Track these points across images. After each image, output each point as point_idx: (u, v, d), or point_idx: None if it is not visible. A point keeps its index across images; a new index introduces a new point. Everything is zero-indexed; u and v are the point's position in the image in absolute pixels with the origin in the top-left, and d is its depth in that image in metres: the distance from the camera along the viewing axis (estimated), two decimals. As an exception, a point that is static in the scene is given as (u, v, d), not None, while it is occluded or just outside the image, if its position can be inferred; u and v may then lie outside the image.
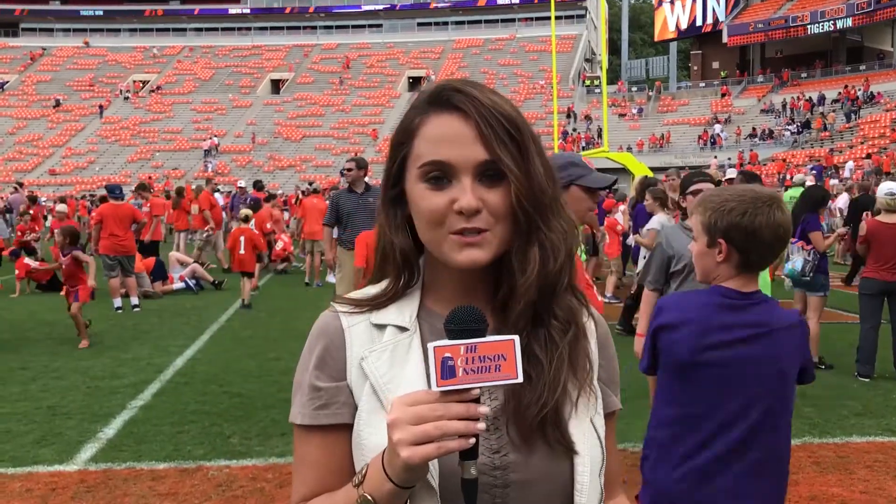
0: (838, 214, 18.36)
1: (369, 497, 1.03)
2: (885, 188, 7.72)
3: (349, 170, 8.41)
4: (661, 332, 2.43)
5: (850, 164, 32.49)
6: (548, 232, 1.11)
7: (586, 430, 1.13)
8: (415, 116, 1.14)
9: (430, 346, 0.97)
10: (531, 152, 1.11)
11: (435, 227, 1.10)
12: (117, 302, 11.27)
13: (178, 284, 13.43)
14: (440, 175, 1.10)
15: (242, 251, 11.53)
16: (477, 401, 0.97)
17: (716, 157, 43.12)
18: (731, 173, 12.25)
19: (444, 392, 0.96)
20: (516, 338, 0.98)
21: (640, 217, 9.27)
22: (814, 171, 27.36)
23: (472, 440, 0.97)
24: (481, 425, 0.96)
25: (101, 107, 61.03)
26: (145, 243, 14.05)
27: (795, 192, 13.07)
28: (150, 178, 40.21)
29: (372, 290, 1.22)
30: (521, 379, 0.97)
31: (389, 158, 1.18)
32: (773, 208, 2.35)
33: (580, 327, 1.17)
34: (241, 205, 16.96)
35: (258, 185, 18.67)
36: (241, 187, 18.91)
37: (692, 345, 2.34)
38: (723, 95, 55.88)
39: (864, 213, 9.99)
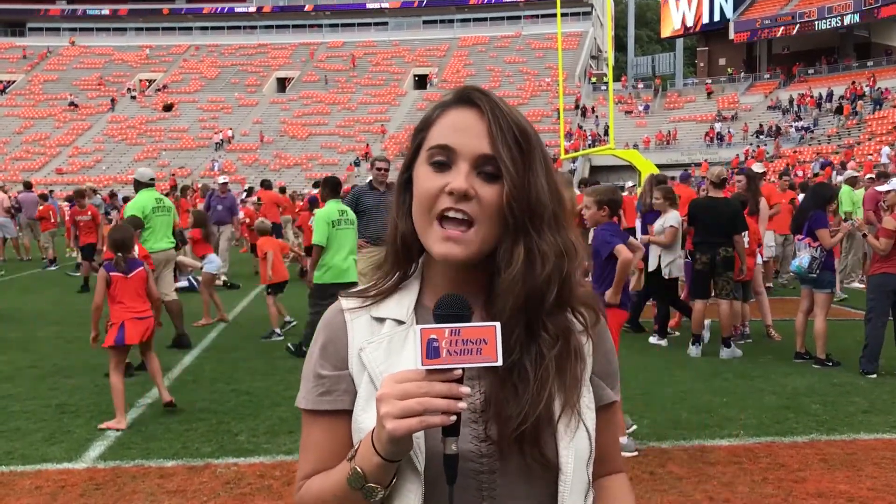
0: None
1: (359, 469, 1.09)
2: None
3: (386, 169, 8.46)
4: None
5: (886, 149, 32.01)
6: (538, 240, 1.16)
7: (571, 439, 1.17)
8: (436, 109, 1.23)
9: (417, 327, 1.04)
10: (536, 165, 1.17)
11: (425, 210, 1.17)
12: None
13: (182, 283, 13.45)
14: (443, 160, 1.17)
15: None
16: (460, 381, 1.04)
17: (755, 150, 43.09)
18: (758, 167, 12.28)
19: (429, 371, 1.03)
20: (497, 324, 1.04)
21: (649, 214, 9.27)
22: (822, 168, 27.26)
23: (454, 417, 1.03)
24: (462, 404, 1.03)
25: (112, 100, 61.25)
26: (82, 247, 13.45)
27: (846, 191, 12.95)
28: (174, 175, 40.22)
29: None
30: (500, 362, 1.04)
31: (409, 146, 1.26)
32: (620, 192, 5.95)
33: (572, 346, 1.20)
34: (220, 205, 15.00)
35: (266, 184, 18.45)
36: (221, 183, 15.51)
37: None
38: (708, 94, 55.85)
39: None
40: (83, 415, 6.14)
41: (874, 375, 7.23)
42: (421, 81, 63.46)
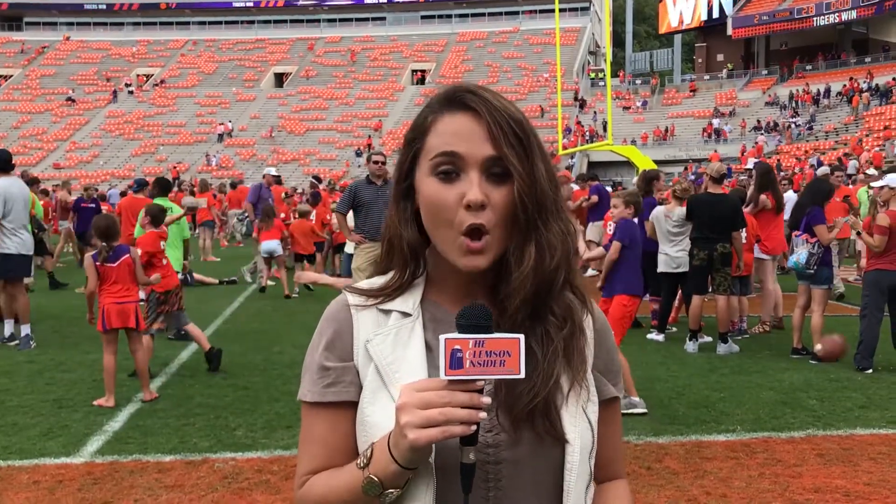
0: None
1: (375, 478, 1.09)
2: None
3: (383, 163, 8.44)
4: None
5: None
6: (546, 232, 1.18)
7: (578, 417, 1.19)
8: (428, 115, 1.21)
9: (442, 337, 1.03)
10: (535, 155, 1.17)
11: (443, 222, 1.16)
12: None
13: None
14: (450, 168, 1.16)
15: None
16: (480, 391, 1.04)
17: (753, 146, 43.04)
18: (752, 164, 12.28)
19: (451, 381, 1.03)
20: (522, 336, 1.04)
21: (646, 210, 9.28)
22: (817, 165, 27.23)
23: (474, 427, 1.03)
24: (483, 414, 1.03)
25: (115, 91, 61.11)
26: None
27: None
28: (175, 168, 40.10)
29: (379, 280, 1.28)
30: (523, 375, 1.04)
31: (402, 154, 1.25)
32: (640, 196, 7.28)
33: (577, 324, 1.22)
34: (271, 199, 14.65)
35: (276, 180, 18.20)
36: (274, 175, 15.21)
37: None
38: (692, 91, 55.85)
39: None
40: (81, 409, 6.15)
41: (870, 371, 7.25)
42: (419, 77, 63.35)
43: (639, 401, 5.99)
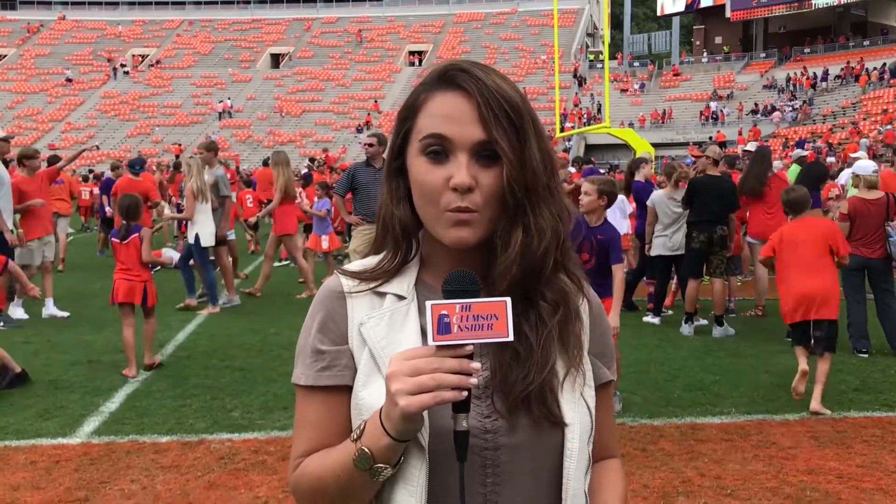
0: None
1: (367, 450, 1.08)
2: (868, 166, 7.71)
3: (370, 145, 8.46)
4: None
5: None
6: (534, 217, 1.16)
7: (576, 401, 1.18)
8: (421, 93, 1.20)
9: (428, 303, 1.03)
10: (529, 137, 1.15)
11: (430, 202, 1.15)
12: None
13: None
14: (439, 150, 1.15)
15: None
16: (470, 357, 1.03)
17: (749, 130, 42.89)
18: (751, 146, 12.28)
19: (439, 347, 1.02)
20: (508, 299, 1.04)
21: (642, 194, 9.30)
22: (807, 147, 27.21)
23: (465, 393, 1.03)
24: (473, 380, 1.03)
25: (115, 69, 60.70)
26: None
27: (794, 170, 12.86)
28: (178, 145, 39.90)
29: (372, 260, 1.27)
30: (511, 337, 1.03)
31: (394, 132, 1.23)
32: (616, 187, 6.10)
33: (571, 308, 1.21)
34: None
35: (267, 163, 18.27)
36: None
37: None
38: (676, 75, 55.73)
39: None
40: (77, 390, 6.16)
41: (866, 354, 7.28)
42: (416, 58, 63.01)
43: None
